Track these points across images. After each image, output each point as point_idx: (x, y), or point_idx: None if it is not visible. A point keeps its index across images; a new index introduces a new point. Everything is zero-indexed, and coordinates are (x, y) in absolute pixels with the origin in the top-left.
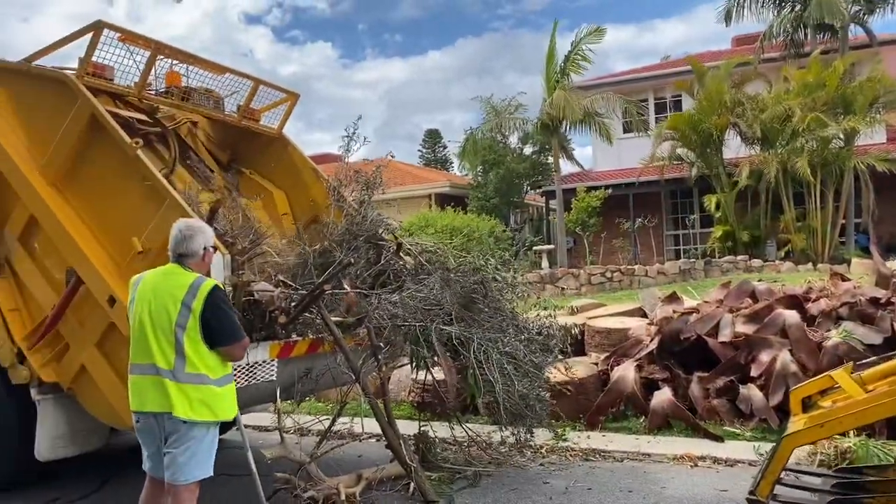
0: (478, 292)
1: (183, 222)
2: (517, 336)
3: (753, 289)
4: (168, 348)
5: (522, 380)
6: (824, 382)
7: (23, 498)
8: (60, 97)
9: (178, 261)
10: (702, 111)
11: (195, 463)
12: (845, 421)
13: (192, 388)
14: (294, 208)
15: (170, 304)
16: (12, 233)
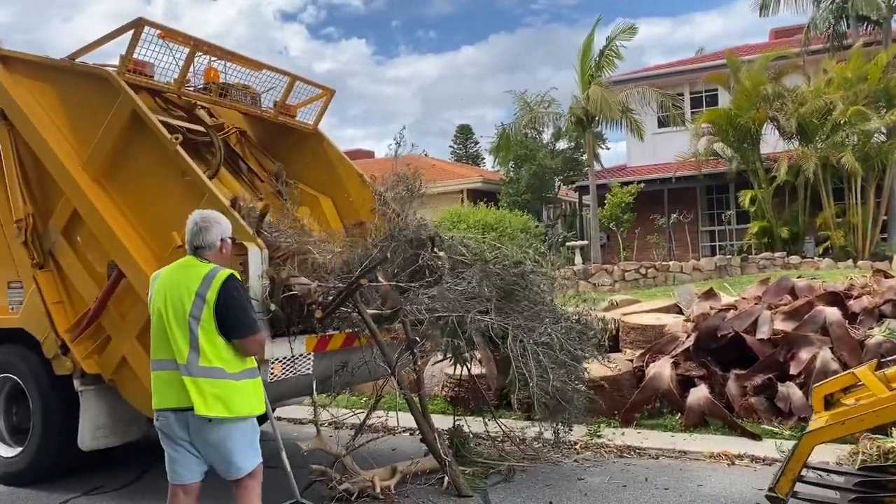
0: (518, 284)
1: (198, 214)
2: (554, 325)
3: (793, 285)
4: (183, 342)
5: (558, 370)
6: (847, 380)
7: (66, 487)
8: (102, 93)
9: (194, 253)
10: (739, 105)
11: (240, 456)
12: (867, 418)
13: (205, 382)
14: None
15: (185, 296)
16: (56, 227)
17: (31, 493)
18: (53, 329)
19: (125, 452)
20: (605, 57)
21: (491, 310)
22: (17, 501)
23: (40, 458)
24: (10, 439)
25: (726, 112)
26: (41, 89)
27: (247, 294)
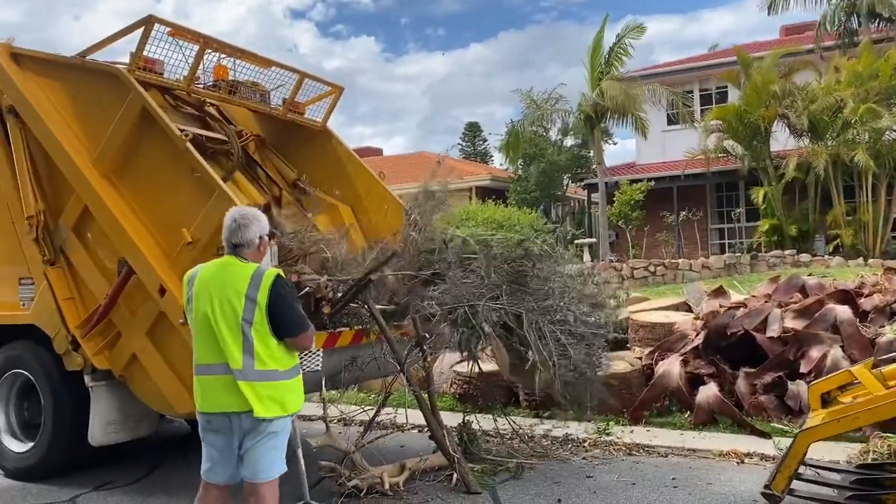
0: (525, 264)
1: (236, 211)
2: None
3: (803, 283)
4: (235, 346)
5: (579, 346)
6: (844, 378)
7: (77, 482)
8: (113, 91)
9: (233, 251)
10: (749, 102)
11: (273, 458)
12: (862, 416)
13: (261, 385)
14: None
15: (234, 299)
16: (67, 224)
17: (41, 488)
18: (64, 325)
19: (136, 448)
20: (614, 54)
21: (502, 295)
22: (27, 497)
23: (51, 453)
24: (22, 434)
25: (736, 109)
26: (52, 87)
27: (294, 291)
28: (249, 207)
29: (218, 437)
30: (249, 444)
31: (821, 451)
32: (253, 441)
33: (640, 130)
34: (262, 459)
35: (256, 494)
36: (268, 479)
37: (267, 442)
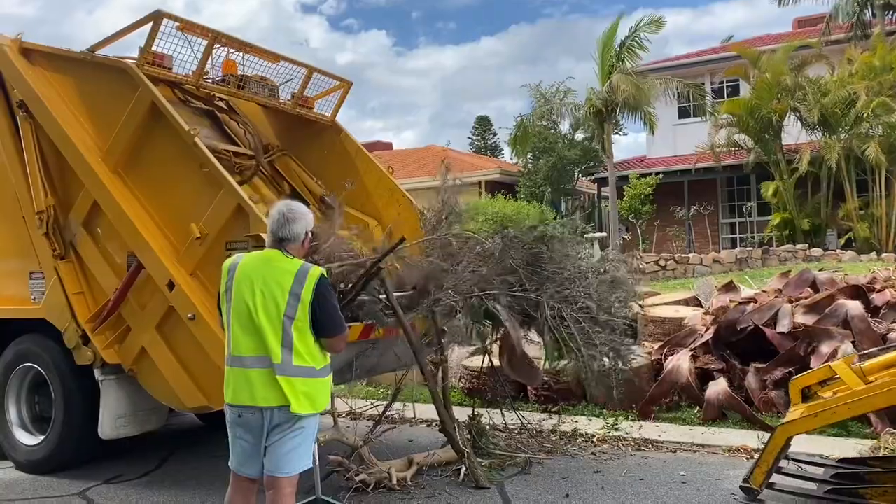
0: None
1: (284, 204)
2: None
3: (814, 278)
4: (275, 340)
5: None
6: (824, 373)
7: (87, 475)
8: (122, 86)
9: (278, 245)
10: (760, 96)
11: (298, 455)
12: (839, 411)
13: (300, 381)
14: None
15: (277, 294)
16: (77, 218)
17: (52, 480)
18: (74, 319)
19: (146, 441)
20: (627, 48)
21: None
22: (38, 489)
23: (62, 446)
24: (33, 428)
25: (747, 103)
26: (62, 82)
27: (334, 292)
28: (296, 202)
29: (248, 430)
30: (276, 437)
31: (830, 447)
32: (280, 435)
33: (650, 126)
34: (287, 454)
35: (276, 489)
36: (289, 475)
37: (294, 437)
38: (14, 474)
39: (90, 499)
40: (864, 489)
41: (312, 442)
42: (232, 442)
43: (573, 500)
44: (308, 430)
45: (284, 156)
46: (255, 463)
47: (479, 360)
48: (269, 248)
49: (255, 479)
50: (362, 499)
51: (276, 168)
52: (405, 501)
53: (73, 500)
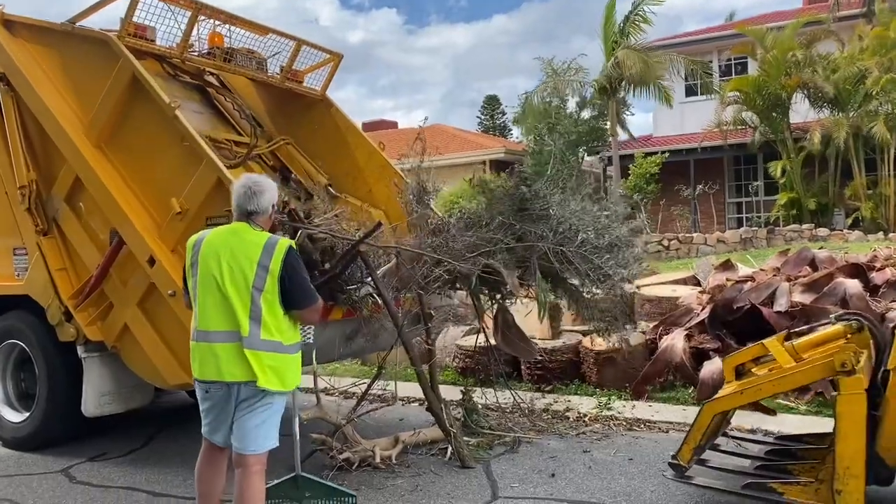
0: (522, 190)
1: (249, 178)
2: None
3: (813, 257)
4: (243, 313)
5: (607, 259)
6: (757, 350)
7: (72, 452)
8: (103, 58)
9: (246, 219)
10: (768, 73)
11: (265, 432)
12: (765, 388)
13: (266, 355)
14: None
15: (245, 266)
16: (59, 193)
17: (37, 457)
18: (57, 296)
19: (132, 419)
20: (631, 22)
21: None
22: (22, 466)
23: (46, 423)
24: (19, 405)
25: (755, 80)
26: (43, 54)
27: (303, 263)
28: (262, 175)
29: (215, 404)
30: (243, 413)
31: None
32: (247, 411)
33: (664, 99)
34: (253, 431)
35: (244, 466)
36: (256, 452)
37: (260, 414)
38: (0, 451)
39: (72, 476)
40: (793, 465)
41: (279, 420)
42: (202, 413)
43: (559, 479)
44: (275, 407)
45: (286, 144)
46: (219, 435)
47: (473, 339)
48: (235, 221)
49: (224, 448)
50: (345, 477)
51: (277, 156)
52: (389, 480)
53: (55, 478)
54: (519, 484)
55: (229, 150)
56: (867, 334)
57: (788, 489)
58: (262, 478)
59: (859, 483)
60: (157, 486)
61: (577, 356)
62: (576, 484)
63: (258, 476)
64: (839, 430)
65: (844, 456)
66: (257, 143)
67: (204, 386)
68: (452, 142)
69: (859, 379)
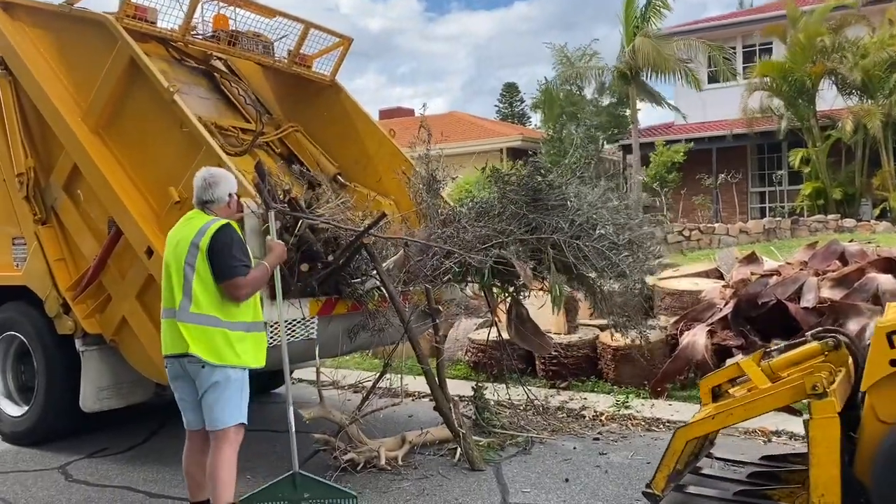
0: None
1: (206, 170)
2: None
3: (843, 250)
4: (178, 289)
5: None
6: (733, 371)
7: (72, 448)
8: (100, 40)
9: (202, 208)
10: (795, 58)
11: (224, 407)
12: (735, 413)
13: (194, 328)
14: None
15: (182, 246)
16: (58, 181)
17: (35, 453)
18: (55, 287)
19: (133, 415)
20: (652, 7)
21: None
22: (19, 463)
23: (45, 418)
24: (19, 398)
25: (781, 65)
26: (42, 36)
27: (238, 241)
28: (219, 168)
29: (178, 382)
30: (201, 391)
31: None
32: (203, 389)
33: (693, 84)
34: (212, 407)
35: (214, 441)
36: (220, 427)
37: (213, 391)
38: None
39: (69, 474)
40: (773, 490)
41: (238, 396)
42: (175, 394)
43: (573, 484)
44: (228, 384)
45: (295, 132)
46: (190, 416)
47: (485, 332)
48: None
49: (196, 433)
50: (350, 479)
51: (285, 143)
52: (394, 482)
53: (51, 475)
54: (530, 489)
55: (236, 138)
56: (844, 352)
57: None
58: (231, 450)
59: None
60: (153, 486)
61: (593, 352)
62: (590, 490)
63: (226, 448)
64: (812, 456)
65: (818, 483)
66: (264, 130)
67: (167, 361)
68: (469, 129)
69: (831, 402)
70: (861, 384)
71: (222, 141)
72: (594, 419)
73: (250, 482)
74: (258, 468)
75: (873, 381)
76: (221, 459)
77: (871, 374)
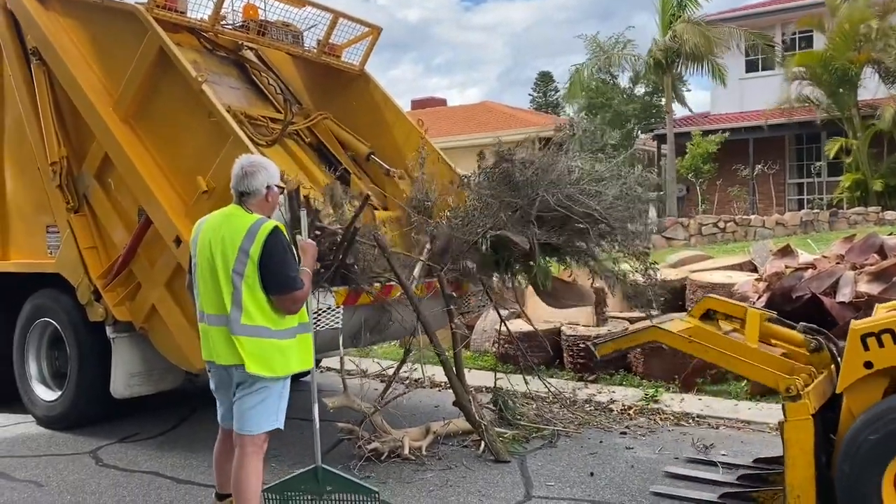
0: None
1: (245, 158)
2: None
3: (881, 243)
4: (228, 297)
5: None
6: (738, 310)
7: (104, 433)
8: (131, 31)
9: (239, 201)
10: (836, 47)
11: (260, 414)
12: (711, 354)
13: (247, 340)
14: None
15: (229, 250)
16: (89, 170)
17: (68, 437)
18: (87, 275)
19: (165, 400)
20: None
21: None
22: (52, 447)
23: (77, 403)
24: (52, 383)
25: (821, 55)
26: (74, 27)
27: (290, 248)
28: (259, 156)
29: (220, 384)
30: (240, 394)
31: None
32: (242, 392)
33: (718, 77)
34: (248, 412)
35: (240, 446)
36: (251, 433)
37: (254, 397)
38: (34, 429)
39: (99, 458)
40: (757, 492)
41: (279, 403)
42: (214, 395)
43: (598, 478)
44: (269, 392)
45: (325, 119)
46: (228, 416)
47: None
48: (232, 204)
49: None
50: (373, 469)
51: (314, 133)
52: (418, 473)
53: (82, 459)
54: (555, 482)
55: (266, 127)
56: (826, 354)
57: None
58: (257, 459)
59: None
60: (181, 472)
61: None
62: (616, 484)
63: (253, 457)
64: (787, 458)
65: (794, 485)
66: (293, 120)
67: (208, 365)
68: (502, 119)
69: (805, 405)
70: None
71: (252, 131)
72: (622, 413)
73: (275, 470)
74: (284, 456)
75: (849, 383)
76: (249, 469)
77: (846, 375)
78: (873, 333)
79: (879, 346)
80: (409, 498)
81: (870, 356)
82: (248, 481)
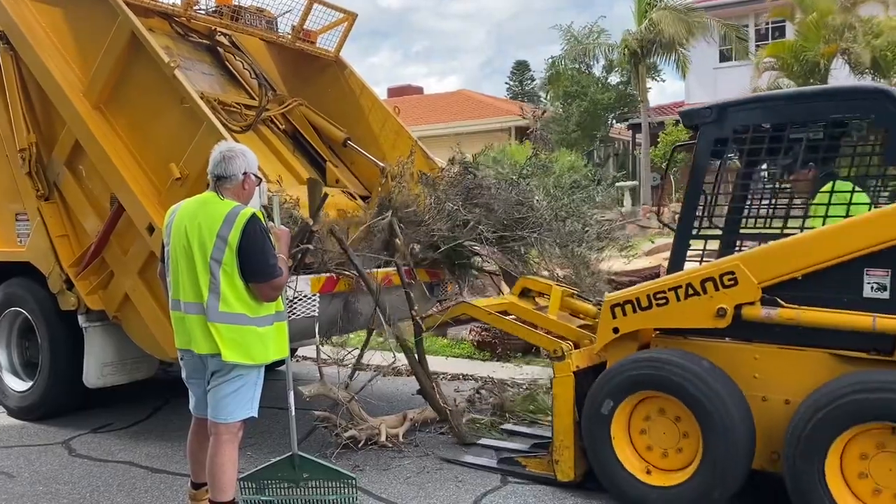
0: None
1: (225, 144)
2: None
3: None
4: (204, 285)
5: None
6: (545, 287)
7: (76, 423)
8: (102, 14)
9: (215, 186)
10: (806, 38)
11: (235, 402)
12: (507, 324)
13: (225, 328)
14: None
15: (206, 237)
16: (60, 157)
17: (39, 428)
18: (58, 263)
19: (139, 390)
20: None
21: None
22: (24, 437)
23: (49, 393)
24: (23, 373)
25: (792, 45)
26: (44, 11)
27: (267, 235)
28: (238, 143)
29: (193, 373)
30: (214, 383)
31: None
32: (217, 381)
33: (682, 70)
34: (223, 400)
35: (215, 434)
36: (225, 421)
37: (230, 385)
38: (5, 420)
39: (72, 448)
40: (522, 456)
41: (254, 391)
42: (186, 384)
43: None
44: (245, 380)
45: (300, 105)
46: (201, 406)
47: None
48: (208, 190)
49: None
50: (351, 456)
51: (289, 119)
52: (395, 460)
53: (54, 450)
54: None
55: (240, 114)
56: None
57: (529, 462)
58: (233, 447)
59: (570, 453)
60: (155, 462)
61: None
62: None
63: (229, 445)
64: (554, 408)
65: (559, 430)
66: (267, 106)
67: (181, 353)
68: (477, 108)
69: (567, 364)
70: None
71: (225, 117)
72: None
73: (252, 458)
74: (260, 445)
75: (602, 345)
76: (224, 458)
77: (601, 339)
78: (619, 304)
79: (623, 314)
80: (387, 485)
81: (617, 322)
82: (223, 469)
